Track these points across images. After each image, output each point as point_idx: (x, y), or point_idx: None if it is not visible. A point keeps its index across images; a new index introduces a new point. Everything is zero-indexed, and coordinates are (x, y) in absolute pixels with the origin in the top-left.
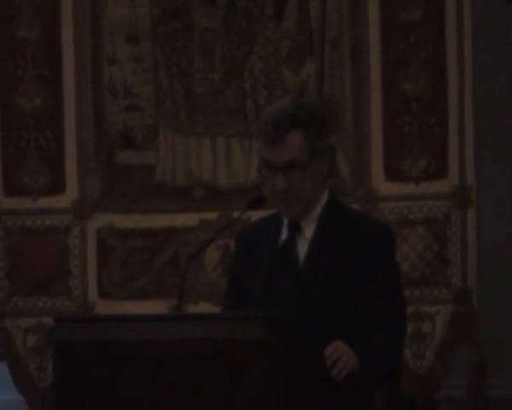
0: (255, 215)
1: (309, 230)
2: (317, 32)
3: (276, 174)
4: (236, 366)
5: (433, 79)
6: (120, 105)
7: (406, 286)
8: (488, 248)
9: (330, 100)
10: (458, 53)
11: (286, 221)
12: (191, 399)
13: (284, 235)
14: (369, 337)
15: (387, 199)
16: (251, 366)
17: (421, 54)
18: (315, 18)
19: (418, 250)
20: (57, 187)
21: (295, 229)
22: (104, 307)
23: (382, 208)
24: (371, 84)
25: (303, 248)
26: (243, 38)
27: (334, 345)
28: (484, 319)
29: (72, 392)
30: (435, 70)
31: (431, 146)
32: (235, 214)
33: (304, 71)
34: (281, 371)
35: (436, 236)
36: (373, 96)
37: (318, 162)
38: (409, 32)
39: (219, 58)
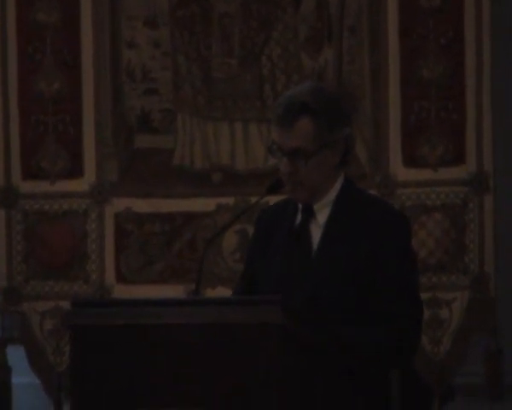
0: (273, 200)
1: (322, 215)
2: (336, 17)
3: (283, 158)
4: (253, 350)
5: (451, 66)
6: (138, 89)
7: (423, 272)
8: (505, 235)
9: (349, 86)
10: (477, 39)
11: (301, 206)
12: (209, 383)
13: (299, 219)
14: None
15: (405, 185)
16: (268, 350)
17: (439, 40)
18: (333, 4)
19: (436, 236)
20: (75, 171)
21: (308, 214)
22: (122, 292)
23: (400, 194)
24: (389, 70)
25: (317, 232)
26: (262, 23)
27: None
28: (501, 305)
29: (88, 376)
30: (454, 56)
31: (449, 132)
32: (253, 199)
33: (322, 57)
34: (298, 355)
35: (453, 222)
36: (391, 82)
37: (327, 152)
38: (428, 18)
39: (238, 43)
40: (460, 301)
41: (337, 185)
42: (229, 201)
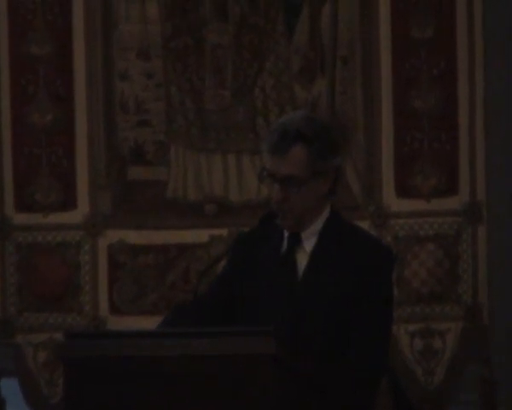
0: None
1: (309, 243)
2: (329, 48)
3: (275, 185)
4: (246, 381)
5: (444, 96)
6: (131, 121)
7: (416, 303)
8: (499, 265)
9: (342, 117)
10: (469, 70)
11: (287, 233)
12: None
13: (285, 246)
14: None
15: (398, 215)
16: (262, 380)
17: (432, 71)
18: (326, 35)
19: (429, 267)
20: (68, 203)
21: (295, 241)
22: (115, 323)
23: (393, 225)
24: (382, 100)
25: (303, 260)
26: (255, 54)
27: None
28: (494, 335)
29: (82, 408)
30: (446, 87)
31: (442, 163)
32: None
33: (315, 87)
34: (290, 385)
35: (447, 252)
36: (384, 112)
37: (318, 181)
38: (420, 48)
39: (231, 75)
40: (453, 332)
41: (324, 215)
42: (222, 232)
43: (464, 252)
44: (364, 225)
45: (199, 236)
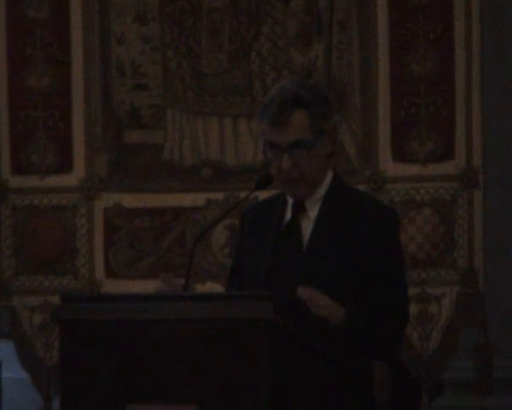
0: (263, 195)
1: (313, 210)
2: (325, 12)
3: (282, 155)
4: (243, 346)
5: (440, 61)
6: (128, 84)
7: (413, 267)
8: (495, 230)
9: (338, 81)
10: (466, 35)
11: (290, 201)
12: (199, 379)
13: (288, 215)
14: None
15: (394, 180)
16: (259, 345)
17: (429, 36)
18: None
19: (425, 232)
20: (65, 166)
21: (300, 209)
22: (111, 286)
23: (389, 189)
24: (379, 65)
25: (307, 228)
26: (251, 18)
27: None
28: (490, 300)
29: (78, 371)
30: (443, 52)
31: (438, 128)
32: (243, 194)
33: (312, 52)
34: (287, 350)
35: (443, 217)
36: (380, 77)
37: (323, 141)
38: (417, 13)
39: (227, 38)
40: (449, 296)
41: (327, 180)
42: (218, 196)
43: (460, 217)
44: (361, 189)
45: (195, 199)
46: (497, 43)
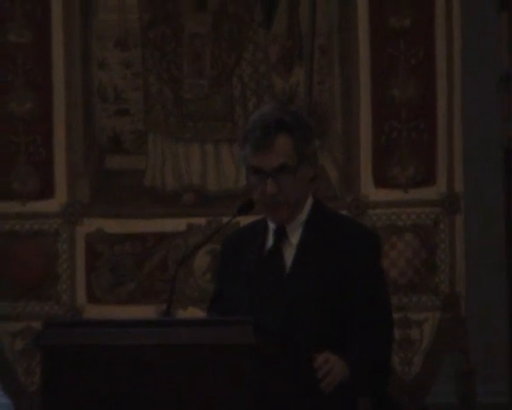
0: (244, 221)
1: (295, 235)
2: (307, 37)
3: (266, 179)
4: (226, 372)
5: (422, 86)
6: (110, 110)
7: (394, 293)
8: (476, 255)
9: (319, 106)
10: (448, 59)
11: (272, 227)
12: (181, 404)
13: (270, 241)
14: (357, 340)
15: (376, 205)
16: (240, 371)
17: (410, 60)
18: (304, 24)
19: (406, 257)
20: (46, 191)
21: (281, 235)
22: (93, 312)
23: (371, 215)
24: (360, 90)
25: (289, 253)
26: (233, 43)
27: (324, 357)
28: (472, 325)
29: (59, 396)
30: (425, 77)
31: (420, 153)
32: (225, 220)
33: (293, 77)
34: (270, 376)
35: (424, 242)
36: (362, 102)
37: (305, 166)
38: (398, 38)
39: (209, 64)
40: (431, 322)
41: (308, 205)
42: (200, 221)
43: (442, 242)
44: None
45: (177, 225)
46: (479, 66)
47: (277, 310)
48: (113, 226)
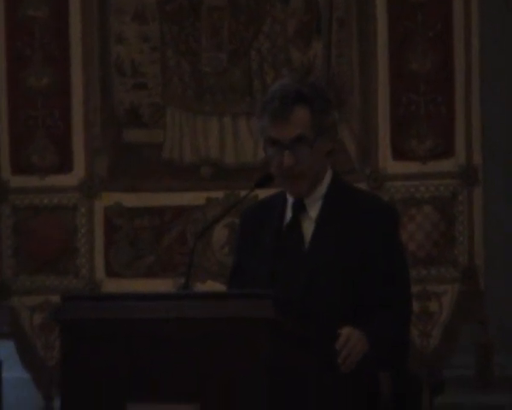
0: (263, 194)
1: (314, 209)
2: (325, 10)
3: (283, 151)
4: (244, 345)
5: (440, 59)
6: (127, 84)
7: (413, 265)
8: (495, 227)
9: (337, 79)
10: (465, 32)
11: (290, 200)
12: (200, 378)
13: (289, 214)
14: (376, 316)
15: (394, 178)
16: (259, 344)
17: (428, 33)
18: None
19: (425, 229)
20: (65, 165)
21: (300, 208)
22: (111, 286)
23: (389, 187)
24: (378, 63)
25: (308, 227)
26: (251, 17)
27: (345, 336)
28: (490, 298)
29: (79, 370)
30: (442, 49)
31: (438, 125)
32: (243, 193)
33: (311, 50)
34: (289, 350)
35: (443, 215)
36: (380, 75)
37: (323, 138)
38: (416, 11)
39: (227, 37)
40: (450, 294)
41: (327, 178)
42: (218, 195)
43: (460, 214)
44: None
45: (195, 198)
46: (496, 40)
47: (298, 281)
48: (131, 200)
